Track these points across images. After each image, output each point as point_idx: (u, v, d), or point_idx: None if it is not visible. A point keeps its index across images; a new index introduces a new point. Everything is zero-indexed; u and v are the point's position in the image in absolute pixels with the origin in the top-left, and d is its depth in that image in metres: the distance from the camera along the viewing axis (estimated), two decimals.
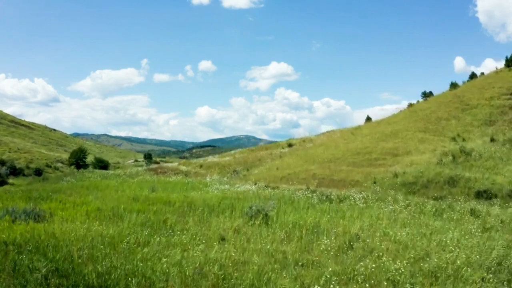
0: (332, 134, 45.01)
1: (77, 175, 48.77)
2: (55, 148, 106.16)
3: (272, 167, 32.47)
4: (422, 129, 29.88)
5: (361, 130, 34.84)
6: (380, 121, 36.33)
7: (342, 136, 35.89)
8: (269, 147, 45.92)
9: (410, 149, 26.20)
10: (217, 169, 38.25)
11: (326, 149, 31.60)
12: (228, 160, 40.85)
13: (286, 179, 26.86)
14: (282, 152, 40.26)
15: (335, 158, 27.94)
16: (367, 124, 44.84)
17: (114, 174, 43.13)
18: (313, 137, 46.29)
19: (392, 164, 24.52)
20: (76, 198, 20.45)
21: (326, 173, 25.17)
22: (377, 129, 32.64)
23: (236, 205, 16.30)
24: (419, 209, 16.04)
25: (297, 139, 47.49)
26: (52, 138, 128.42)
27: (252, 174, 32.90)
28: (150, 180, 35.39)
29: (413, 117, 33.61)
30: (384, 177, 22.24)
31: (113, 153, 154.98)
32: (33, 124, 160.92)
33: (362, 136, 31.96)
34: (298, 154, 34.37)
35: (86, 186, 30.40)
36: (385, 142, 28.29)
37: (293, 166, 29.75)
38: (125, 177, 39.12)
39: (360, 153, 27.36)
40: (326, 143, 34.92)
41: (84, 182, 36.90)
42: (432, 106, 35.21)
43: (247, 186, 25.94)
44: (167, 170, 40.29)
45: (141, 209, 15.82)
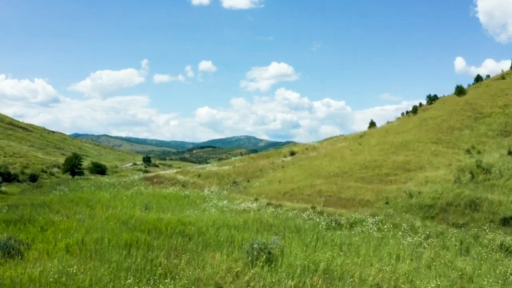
0: (337, 141, 43.14)
1: (71, 183, 46.95)
2: (52, 151, 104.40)
3: (274, 179, 30.62)
4: (435, 140, 28.02)
5: (368, 140, 32.97)
6: (388, 129, 34.46)
7: (348, 146, 34.03)
8: (270, 154, 44.05)
9: (423, 164, 24.35)
10: (216, 179, 36.38)
11: (332, 161, 29.74)
12: (227, 169, 38.98)
13: (289, 195, 25.00)
14: (284, 161, 38.39)
15: (342, 172, 26.08)
16: (373, 131, 42.99)
17: (109, 183, 41.30)
18: (316, 144, 44.43)
19: (405, 180, 22.66)
20: (62, 220, 18.74)
21: (333, 189, 23.31)
22: (386, 139, 30.78)
23: (235, 236, 14.48)
24: (441, 241, 14.22)
25: (299, 146, 45.62)
26: (50, 141, 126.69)
27: (252, 186, 31.05)
28: (145, 193, 33.55)
29: (424, 126, 31.75)
30: (397, 196, 20.38)
31: (112, 155, 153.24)
32: (31, 126, 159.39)
33: (370, 147, 30.10)
34: (302, 165, 32.52)
35: (76, 201, 28.60)
36: (395, 155, 26.44)
37: (296, 179, 27.90)
38: (119, 188, 37.29)
39: (369, 167, 25.50)
40: (331, 154, 33.05)
41: (76, 194, 35.08)
42: (443, 114, 33.35)
43: (247, 203, 24.09)
44: (164, 180, 38.44)
45: (128, 240, 13.99)
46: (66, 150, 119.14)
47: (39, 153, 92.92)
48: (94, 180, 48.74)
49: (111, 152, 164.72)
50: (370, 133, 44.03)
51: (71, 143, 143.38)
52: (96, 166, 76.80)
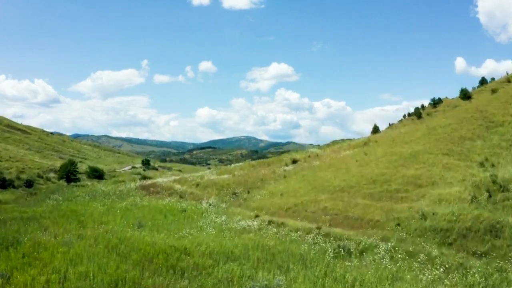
0: (340, 148, 41.64)
1: (66, 191, 45.50)
2: (50, 154, 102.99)
3: (275, 192, 29.12)
4: (446, 152, 26.51)
5: (374, 149, 31.46)
6: (395, 138, 32.93)
7: (354, 156, 32.52)
8: (271, 162, 42.56)
9: (435, 178, 22.83)
10: (215, 189, 34.90)
11: (337, 173, 28.23)
12: (226, 178, 37.49)
13: (292, 211, 23.50)
14: (286, 170, 36.88)
15: (348, 186, 24.57)
16: (378, 137, 41.48)
17: (104, 192, 39.82)
18: (319, 152, 42.93)
19: (417, 198, 21.15)
20: (49, 241, 17.35)
21: (339, 207, 21.80)
22: (394, 150, 29.28)
23: (234, 271, 12.99)
24: (464, 279, 12.72)
25: (301, 153, 44.13)
26: (48, 143, 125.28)
27: (253, 199, 29.56)
28: (140, 205, 32.09)
29: (433, 135, 30.25)
30: (409, 217, 18.87)
31: (111, 157, 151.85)
32: (30, 128, 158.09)
33: (376, 158, 28.60)
34: (305, 176, 31.01)
35: (68, 215, 27.18)
36: (405, 168, 24.93)
37: (299, 193, 26.40)
38: (114, 198, 35.80)
39: (377, 181, 23.99)
40: (336, 164, 31.54)
41: (69, 205, 33.63)
42: (453, 122, 31.85)
43: (247, 221, 22.59)
44: (161, 190, 36.95)
45: (115, 276, 12.50)
46: (64, 153, 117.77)
47: (36, 157, 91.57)
48: (90, 187, 47.29)
49: (110, 154, 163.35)
50: (375, 139, 42.55)
51: (69, 146, 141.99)
52: (94, 170, 75.37)
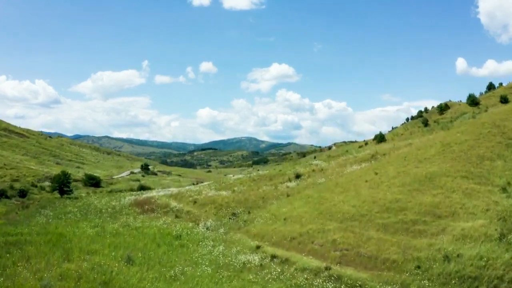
0: (346, 162, 39.39)
1: (58, 206, 43.39)
2: (47, 160, 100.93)
3: (278, 215, 26.92)
4: (464, 174, 24.28)
5: (385, 168, 29.21)
6: (407, 155, 30.62)
7: (362, 174, 30.27)
8: (273, 176, 40.34)
9: (455, 208, 20.61)
10: (213, 208, 32.70)
11: (345, 195, 26.00)
12: (226, 195, 35.29)
13: (297, 242, 21.29)
14: (289, 187, 34.68)
15: (358, 214, 22.35)
16: (386, 149, 39.21)
17: (96, 208, 37.66)
18: (324, 165, 40.71)
19: (436, 231, 18.93)
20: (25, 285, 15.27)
21: (350, 240, 19.59)
22: (407, 169, 27.03)
23: None
24: None
25: (304, 167, 41.89)
26: (46, 147, 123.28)
27: (254, 222, 27.35)
28: (133, 227, 29.92)
29: (449, 153, 28.01)
30: (430, 257, 16.67)
31: (110, 161, 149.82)
32: (28, 131, 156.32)
33: (388, 179, 26.38)
34: (309, 197, 28.79)
35: (54, 241, 25.06)
36: (421, 194, 22.70)
37: (304, 219, 24.18)
38: (106, 217, 33.63)
39: (391, 209, 21.77)
40: (343, 184, 29.30)
41: (57, 225, 31.46)
42: (469, 138, 29.60)
43: (247, 254, 20.41)
44: (156, 208, 34.76)
45: None
46: (62, 157, 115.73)
47: (32, 163, 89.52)
48: (83, 201, 45.13)
49: (109, 158, 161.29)
50: (382, 151, 40.37)
51: (68, 150, 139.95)
52: (90, 178, 73.35)
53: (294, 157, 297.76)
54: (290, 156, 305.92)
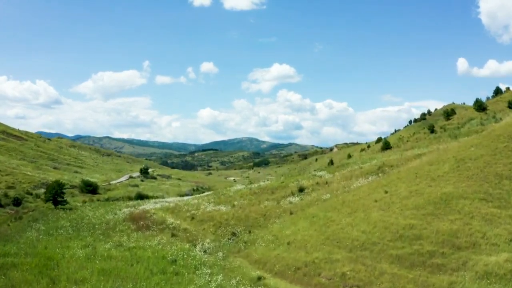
0: (352, 174, 37.49)
1: (50, 218, 41.64)
2: (44, 164, 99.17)
3: (281, 237, 25.08)
4: (482, 196, 22.39)
5: (395, 186, 27.30)
6: (418, 171, 28.70)
7: (371, 191, 28.36)
8: (275, 189, 38.47)
9: (476, 238, 18.74)
10: (212, 226, 30.89)
11: (353, 218, 24.13)
12: (225, 211, 33.46)
13: (302, 274, 19.45)
14: (292, 203, 32.84)
15: (369, 241, 20.49)
16: (394, 161, 37.32)
17: (89, 223, 35.87)
18: (328, 177, 38.82)
19: (456, 266, 17.07)
20: None
21: (361, 275, 17.74)
22: (419, 188, 25.14)
23: None
24: None
25: (307, 179, 39.99)
26: (44, 151, 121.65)
27: (255, 244, 25.52)
28: (126, 246, 28.08)
29: (464, 170, 26.12)
30: None
31: (109, 164, 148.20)
32: (27, 133, 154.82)
33: (400, 199, 24.49)
34: (314, 217, 26.91)
35: (41, 266, 23.30)
36: (437, 219, 20.83)
37: (310, 244, 22.34)
38: (98, 235, 31.82)
39: (405, 237, 19.90)
40: (350, 202, 27.42)
41: (48, 244, 29.72)
42: (485, 154, 27.69)
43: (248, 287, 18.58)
44: (151, 224, 32.94)
45: None
46: (60, 161, 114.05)
47: (29, 168, 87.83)
48: (77, 213, 43.33)
49: (109, 161, 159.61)
50: (390, 162, 38.51)
51: (66, 153, 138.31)
52: (87, 184, 71.59)
53: (295, 159, 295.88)
54: (292, 157, 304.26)
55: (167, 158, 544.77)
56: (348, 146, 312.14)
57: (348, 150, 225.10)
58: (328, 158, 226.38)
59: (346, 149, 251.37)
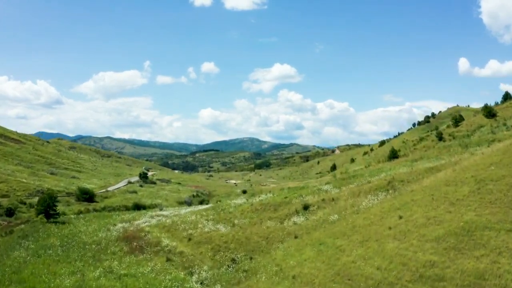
0: (360, 190, 35.18)
1: (41, 235, 39.51)
2: (41, 170, 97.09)
3: (285, 269, 22.87)
4: (509, 226, 20.10)
5: (410, 210, 25.02)
6: (434, 192, 26.41)
7: (383, 214, 26.07)
8: (278, 205, 36.22)
9: (506, 280, 16.49)
10: (210, 250, 28.71)
11: (366, 247, 21.88)
12: (224, 232, 31.26)
13: None
14: (297, 224, 30.62)
15: (386, 281, 18.24)
16: (404, 175, 35.01)
17: (81, 242, 33.73)
18: (334, 193, 36.52)
19: None
20: None
21: None
22: (437, 214, 22.87)
23: None
24: None
25: (313, 195, 37.70)
26: (42, 155, 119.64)
27: (256, 276, 23.29)
28: (116, 273, 25.81)
29: (485, 194, 23.85)
30: None
31: (108, 168, 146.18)
32: (25, 136, 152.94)
33: (416, 227, 22.23)
34: (322, 243, 24.67)
35: None
36: (460, 254, 18.59)
37: (318, 280, 20.10)
38: (88, 258, 29.68)
39: (426, 277, 17.65)
40: (362, 228, 25.13)
41: (34, 269, 27.58)
42: (507, 174, 25.41)
43: None
44: (145, 246, 30.78)
45: None
46: (58, 165, 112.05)
47: (25, 174, 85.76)
48: (69, 228, 41.19)
49: (108, 165, 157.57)
50: (400, 177, 36.21)
51: (65, 156, 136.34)
52: (83, 192, 69.58)
53: (296, 161, 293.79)
54: (293, 159, 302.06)
55: (168, 159, 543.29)
56: (350, 148, 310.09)
57: (351, 153, 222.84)
58: (330, 161, 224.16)
59: (348, 151, 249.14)
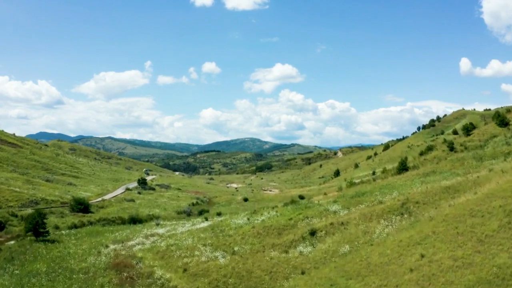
0: (372, 213, 32.30)
1: (27, 257, 36.83)
2: (37, 176, 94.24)
3: None
4: None
5: (433, 248, 22.10)
6: (458, 225, 23.51)
7: (402, 250, 23.18)
8: (282, 229, 33.31)
9: None
10: (207, 284, 25.88)
11: None
12: (223, 264, 28.40)
13: None
14: (303, 255, 27.71)
15: None
16: (419, 196, 32.18)
17: (67, 269, 31.01)
18: (344, 217, 33.58)
19: None
20: None
21: None
22: (465, 256, 20.01)
23: None
24: None
25: (320, 218, 34.78)
26: (39, 160, 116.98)
27: None
28: None
29: None
30: None
31: (107, 173, 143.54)
32: (23, 140, 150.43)
33: (442, 271, 19.34)
34: (332, 284, 21.79)
35: None
36: None
37: None
38: None
39: None
40: (378, 268, 22.22)
41: None
42: None
43: None
44: (137, 277, 27.96)
45: None
46: (54, 171, 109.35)
47: (19, 182, 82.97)
48: (58, 249, 38.50)
49: (107, 169, 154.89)
50: (414, 197, 33.37)
51: (63, 160, 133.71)
52: (78, 203, 66.71)
53: (298, 163, 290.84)
54: (295, 161, 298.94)
55: (169, 160, 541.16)
56: (352, 150, 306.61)
57: (354, 157, 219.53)
58: (333, 164, 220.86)
59: (351, 154, 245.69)
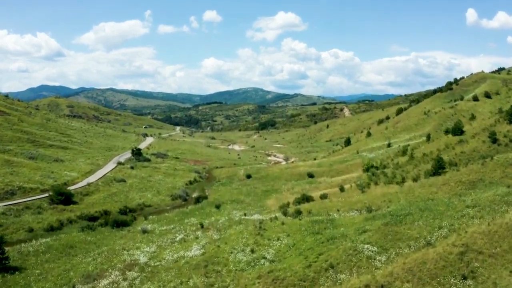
0: (422, 268, 23.99)
1: None
2: (19, 154, 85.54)
3: None
4: None
5: None
6: None
7: None
8: (297, 285, 25.30)
9: None
10: None
11: None
12: None
13: None
14: None
15: None
16: (491, 240, 23.84)
17: None
18: (381, 270, 25.23)
19: None
20: None
21: None
22: None
23: None
24: None
25: (348, 265, 26.51)
26: (26, 129, 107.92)
27: None
28: None
29: None
30: None
31: (100, 139, 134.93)
32: (12, 105, 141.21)
33: None
34: None
35: None
36: None
37: None
38: None
39: None
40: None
41: None
42: None
43: None
44: None
45: None
46: (42, 143, 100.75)
47: None
48: (19, 285, 31.08)
49: (101, 134, 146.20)
50: (478, 246, 25.07)
51: (53, 126, 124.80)
52: (59, 194, 58.88)
53: (303, 120, 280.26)
54: (300, 118, 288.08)
55: (171, 112, 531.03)
56: (359, 106, 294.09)
57: (363, 117, 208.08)
58: (340, 125, 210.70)
59: (360, 114, 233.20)
